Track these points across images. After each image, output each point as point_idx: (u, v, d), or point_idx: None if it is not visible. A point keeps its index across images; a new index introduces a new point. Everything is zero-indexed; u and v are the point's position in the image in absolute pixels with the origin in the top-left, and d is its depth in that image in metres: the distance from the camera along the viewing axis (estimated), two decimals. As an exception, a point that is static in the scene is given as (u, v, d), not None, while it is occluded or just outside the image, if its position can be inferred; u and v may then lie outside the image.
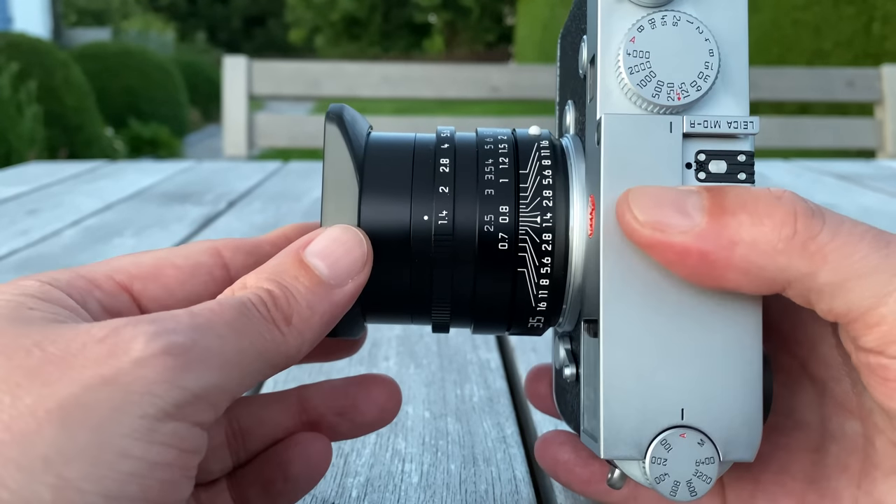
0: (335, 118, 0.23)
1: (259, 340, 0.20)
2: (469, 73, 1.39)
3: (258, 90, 1.36)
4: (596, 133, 0.21)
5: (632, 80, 0.20)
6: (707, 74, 0.20)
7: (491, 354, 0.45)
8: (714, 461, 0.20)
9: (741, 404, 0.20)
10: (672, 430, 0.20)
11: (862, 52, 2.95)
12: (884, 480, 0.21)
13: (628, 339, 0.20)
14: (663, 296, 0.20)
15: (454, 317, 0.24)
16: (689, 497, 0.19)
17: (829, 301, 0.19)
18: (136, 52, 6.11)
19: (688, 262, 0.19)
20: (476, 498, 0.30)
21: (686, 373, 0.20)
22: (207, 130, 7.11)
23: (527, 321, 0.24)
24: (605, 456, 0.20)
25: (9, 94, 3.62)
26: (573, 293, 0.23)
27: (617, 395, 0.20)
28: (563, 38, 0.29)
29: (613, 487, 0.22)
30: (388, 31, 18.33)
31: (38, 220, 0.80)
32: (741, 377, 0.20)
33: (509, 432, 0.35)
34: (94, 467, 0.16)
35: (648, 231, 0.19)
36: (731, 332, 0.20)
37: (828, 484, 0.22)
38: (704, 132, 0.20)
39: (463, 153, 0.23)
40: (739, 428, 0.20)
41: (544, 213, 0.22)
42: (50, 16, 8.63)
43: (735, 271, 0.19)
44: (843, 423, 0.22)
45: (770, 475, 0.23)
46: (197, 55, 9.36)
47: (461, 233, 0.22)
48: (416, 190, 0.23)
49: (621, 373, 0.20)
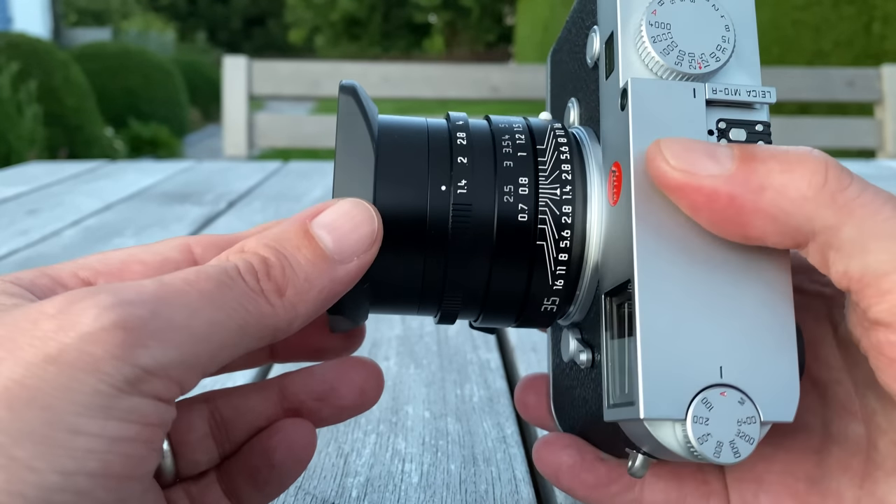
0: (350, 90, 0.22)
1: (239, 313, 0.19)
2: (469, 73, 1.39)
3: (258, 90, 1.36)
4: (620, 100, 0.21)
5: (655, 48, 0.21)
6: (724, 47, 0.21)
7: (491, 354, 0.45)
8: (755, 421, 0.19)
9: (778, 364, 0.19)
10: (712, 388, 0.19)
11: (862, 52, 2.95)
12: (886, 480, 0.21)
13: (663, 296, 0.19)
14: (695, 254, 0.20)
15: (466, 300, 0.23)
16: (733, 458, 0.19)
17: (847, 261, 0.19)
18: (136, 52, 6.11)
19: (716, 207, 0.19)
20: (476, 498, 0.30)
21: (722, 331, 0.19)
22: (207, 130, 7.11)
23: (541, 303, 0.23)
24: (645, 415, 0.19)
25: (9, 94, 3.62)
26: (589, 273, 0.22)
27: (655, 353, 0.19)
28: (554, 54, 0.29)
29: (635, 476, 0.22)
30: (388, 31, 18.33)
31: (38, 220, 0.79)
32: (776, 337, 0.20)
33: (509, 432, 0.35)
34: (45, 446, 0.16)
35: (679, 174, 0.19)
36: (763, 291, 0.20)
37: (830, 484, 0.22)
38: (725, 99, 0.21)
39: (478, 131, 0.23)
40: (777, 388, 0.19)
41: (563, 186, 0.22)
42: (50, 16, 8.63)
43: (762, 217, 0.19)
44: (845, 425, 0.22)
45: (774, 476, 0.23)
46: (197, 55, 9.36)
47: (480, 203, 0.22)
48: (433, 161, 0.22)
49: (658, 330, 0.19)
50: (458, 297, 0.23)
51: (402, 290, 0.23)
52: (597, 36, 0.23)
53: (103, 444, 0.16)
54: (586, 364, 0.23)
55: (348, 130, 0.22)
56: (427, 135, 0.23)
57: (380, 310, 0.24)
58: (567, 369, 0.26)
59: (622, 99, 0.21)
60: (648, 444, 0.20)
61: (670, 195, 0.20)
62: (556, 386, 0.28)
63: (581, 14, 0.26)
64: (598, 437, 0.25)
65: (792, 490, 0.22)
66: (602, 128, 0.23)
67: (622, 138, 0.21)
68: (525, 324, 0.25)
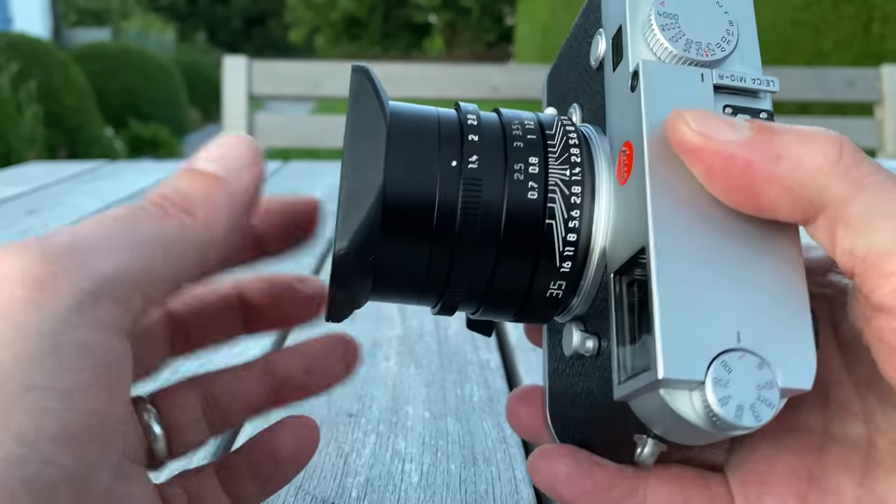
0: (362, 71, 0.23)
1: (157, 231, 0.20)
2: (469, 73, 1.39)
3: (258, 90, 1.36)
4: (630, 82, 0.22)
5: (664, 35, 0.21)
6: (729, 39, 0.22)
7: (491, 354, 0.45)
8: (774, 386, 0.19)
9: (794, 333, 0.19)
10: (730, 352, 0.19)
11: (861, 52, 2.95)
12: (885, 478, 0.21)
13: (679, 261, 0.19)
14: (710, 223, 0.20)
15: (472, 281, 0.23)
16: (754, 422, 0.18)
17: (853, 238, 0.19)
18: (136, 52, 6.11)
19: (731, 172, 0.19)
20: (476, 498, 0.30)
21: (738, 298, 0.19)
22: (207, 130, 7.11)
23: (547, 287, 0.23)
24: (665, 375, 0.18)
25: (9, 95, 3.62)
26: (597, 256, 0.22)
27: (672, 315, 0.19)
28: (551, 75, 0.30)
29: (644, 464, 0.21)
30: (388, 31, 18.33)
31: (38, 220, 0.79)
32: (791, 307, 0.20)
33: (509, 432, 0.35)
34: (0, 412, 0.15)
35: (697, 137, 0.20)
36: (777, 263, 0.20)
37: (830, 481, 0.22)
38: (731, 85, 0.21)
39: (487, 116, 0.24)
40: (795, 356, 0.19)
41: (573, 168, 0.23)
42: (50, 16, 8.63)
43: (776, 186, 0.19)
44: (845, 426, 0.22)
45: (778, 476, 0.23)
46: (197, 55, 9.36)
47: (490, 179, 0.22)
48: (444, 138, 0.22)
49: (675, 293, 0.19)
50: (465, 279, 0.23)
51: (406, 271, 0.23)
52: (602, 37, 0.24)
53: (58, 398, 0.15)
54: (592, 351, 0.23)
55: (360, 108, 0.22)
56: (438, 117, 0.23)
57: (381, 292, 0.24)
58: (567, 368, 0.26)
59: (633, 80, 0.22)
60: (661, 421, 0.20)
61: (687, 158, 0.20)
62: (553, 391, 0.27)
63: (583, 26, 0.26)
64: (599, 436, 0.24)
65: (795, 490, 0.22)
66: (608, 122, 0.23)
67: (633, 118, 0.21)
68: (526, 315, 0.24)
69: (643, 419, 0.20)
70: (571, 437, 0.26)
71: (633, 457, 0.22)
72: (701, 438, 0.20)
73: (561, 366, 0.26)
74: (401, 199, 0.22)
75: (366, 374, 0.42)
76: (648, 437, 0.21)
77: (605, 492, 0.24)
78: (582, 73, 0.26)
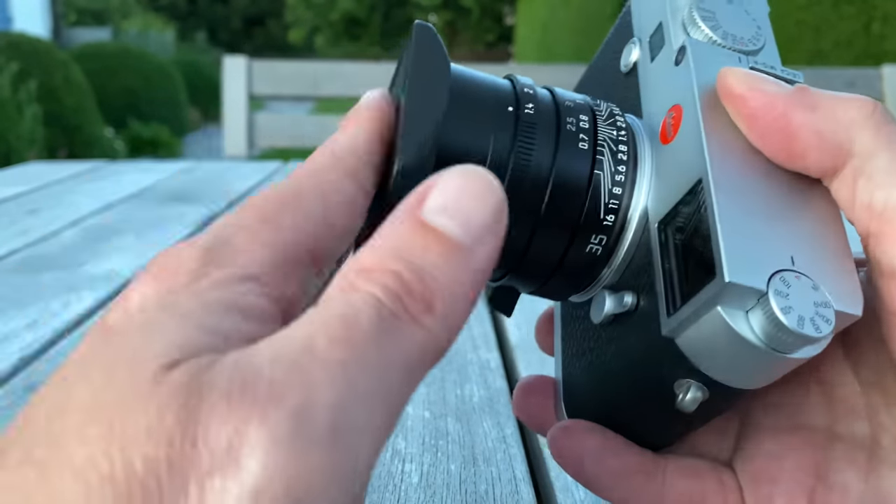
0: (426, 25, 0.23)
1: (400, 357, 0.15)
2: (469, 73, 1.39)
3: (258, 90, 1.36)
4: (676, 56, 0.24)
5: (705, 24, 0.24)
6: (759, 37, 0.24)
7: (491, 354, 0.45)
8: (830, 306, 0.19)
9: (840, 265, 0.20)
10: (787, 271, 0.19)
11: (862, 52, 2.95)
12: (890, 474, 0.21)
13: (733, 189, 0.20)
14: (757, 167, 0.21)
15: (516, 222, 0.22)
16: (815, 332, 0.19)
17: (873, 190, 0.20)
18: (136, 51, 6.12)
19: (770, 116, 0.21)
20: (476, 498, 0.30)
21: (790, 228, 0.20)
22: (207, 130, 7.11)
23: (588, 239, 0.23)
24: (730, 278, 0.18)
25: (8, 94, 3.63)
26: (639, 213, 0.23)
27: (732, 234, 0.19)
28: None
29: (684, 410, 0.21)
30: (388, 31, 18.34)
31: (38, 220, 0.79)
32: (835, 242, 0.21)
33: (509, 432, 0.35)
34: None
35: (744, 85, 0.21)
36: (817, 207, 0.21)
37: (836, 477, 0.22)
38: (765, 71, 0.23)
39: (538, 87, 0.25)
40: (843, 284, 0.20)
41: (619, 130, 0.24)
42: (50, 15, 8.63)
43: (808, 130, 0.20)
44: (850, 424, 0.22)
45: (786, 473, 0.23)
46: (197, 55, 9.36)
47: (544, 124, 0.23)
48: (500, 88, 0.23)
49: (733, 215, 0.20)
50: (511, 221, 0.22)
51: None
52: (635, 45, 0.26)
53: None
54: (630, 306, 0.22)
55: (424, 53, 0.22)
56: (492, 77, 0.24)
57: None
58: (591, 343, 0.25)
59: (678, 56, 0.23)
60: (713, 351, 0.20)
61: (732, 106, 0.21)
62: (570, 378, 0.27)
63: (611, 46, 0.29)
64: (629, 405, 0.24)
65: (803, 486, 0.22)
66: (645, 108, 0.25)
67: (681, 84, 0.23)
68: (559, 278, 0.24)
69: (691, 355, 0.20)
70: (592, 415, 0.25)
71: (670, 411, 0.21)
72: (752, 371, 0.20)
73: (583, 344, 0.26)
74: (458, 136, 0.22)
75: (366, 374, 0.42)
76: (692, 381, 0.21)
77: (630, 474, 0.23)
78: (609, 84, 0.28)
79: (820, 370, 0.23)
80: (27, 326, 0.49)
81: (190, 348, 0.14)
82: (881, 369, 0.21)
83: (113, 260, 0.65)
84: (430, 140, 0.21)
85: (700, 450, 0.25)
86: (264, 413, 0.13)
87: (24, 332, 0.48)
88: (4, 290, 0.56)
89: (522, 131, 0.23)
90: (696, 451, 0.25)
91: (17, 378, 0.41)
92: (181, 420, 0.13)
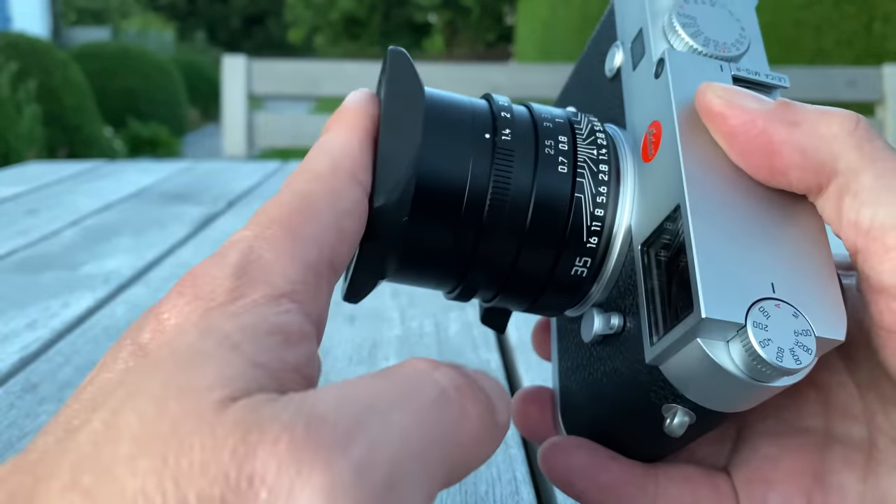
0: (399, 51, 0.23)
1: (456, 431, 0.15)
2: (469, 73, 1.39)
3: (258, 90, 1.36)
4: (655, 69, 0.23)
5: (685, 31, 0.23)
6: (742, 41, 0.23)
7: (491, 354, 0.45)
8: (811, 334, 0.19)
9: (824, 286, 0.20)
10: (767, 300, 0.19)
11: (863, 51, 2.95)
12: (888, 475, 0.21)
13: (713, 215, 0.20)
14: (737, 187, 0.21)
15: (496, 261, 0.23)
16: (794, 364, 0.18)
17: (859, 208, 0.19)
18: (136, 51, 6.11)
19: (750, 134, 0.20)
20: (476, 498, 0.29)
21: (770, 253, 0.20)
22: (207, 130, 7.11)
23: (572, 264, 0.23)
24: (706, 315, 0.18)
25: (8, 94, 3.62)
26: (622, 234, 0.22)
27: (710, 263, 0.19)
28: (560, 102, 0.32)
29: (672, 434, 0.21)
30: (388, 31, 18.33)
31: (38, 220, 0.79)
32: (818, 264, 0.20)
33: (509, 433, 0.35)
34: None
35: (723, 102, 0.21)
36: (802, 228, 0.21)
37: (833, 479, 0.22)
38: (748, 78, 0.22)
39: (516, 105, 0.24)
40: (826, 308, 0.19)
41: (599, 149, 0.23)
42: (49, 15, 8.63)
43: (790, 148, 0.20)
44: (847, 427, 0.22)
45: (781, 475, 0.23)
46: (196, 55, 9.36)
47: (522, 151, 0.23)
48: (477, 114, 0.23)
49: (711, 242, 0.19)
50: (491, 254, 0.23)
51: (435, 239, 0.22)
52: (619, 48, 0.26)
53: None
54: (617, 328, 0.22)
55: (397, 82, 0.22)
56: (470, 100, 0.24)
57: (405, 266, 0.23)
58: (584, 360, 0.25)
59: (657, 68, 0.23)
60: (696, 379, 0.20)
61: (712, 123, 0.21)
62: (566, 391, 0.27)
63: (596, 48, 0.28)
64: (620, 423, 0.24)
65: (799, 488, 0.22)
66: (629, 118, 0.24)
67: (660, 100, 0.22)
68: (546, 299, 0.24)
69: (675, 383, 0.20)
70: (585, 435, 0.25)
71: (659, 432, 0.21)
72: (735, 398, 0.20)
73: (576, 360, 0.26)
74: (435, 167, 0.22)
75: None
76: (679, 406, 0.21)
77: (620, 487, 0.23)
78: (594, 88, 0.27)
79: (817, 374, 0.23)
80: (27, 326, 0.49)
81: (240, 381, 0.14)
82: (877, 373, 0.21)
83: (112, 260, 0.65)
84: (406, 176, 0.21)
85: (698, 456, 0.25)
86: (329, 459, 0.13)
87: (24, 331, 0.48)
88: (4, 290, 0.56)
89: (500, 159, 0.22)
90: (694, 458, 0.24)
91: (17, 378, 0.41)
92: (238, 457, 0.13)
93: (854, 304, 0.21)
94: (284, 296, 0.17)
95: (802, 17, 3.40)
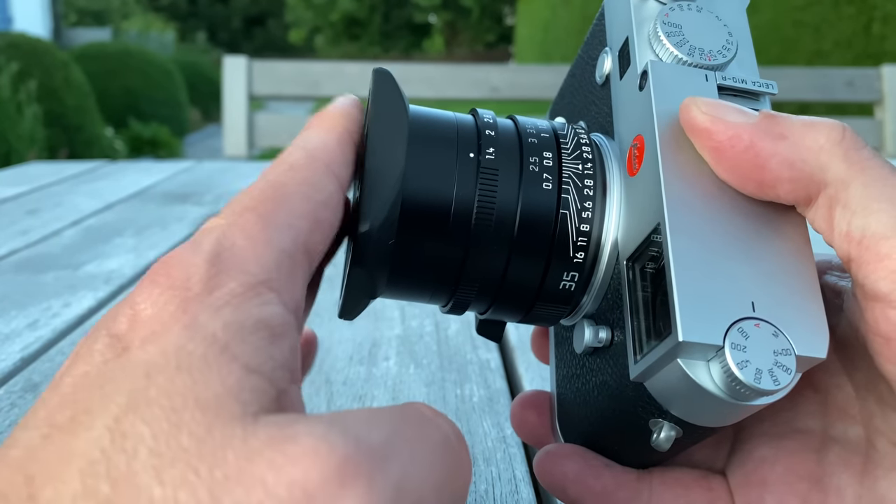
0: (384, 71, 0.23)
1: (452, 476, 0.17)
2: (469, 73, 1.39)
3: (258, 90, 1.36)
4: (639, 81, 0.23)
5: (670, 40, 0.23)
6: (729, 47, 0.23)
7: (491, 354, 0.45)
8: (791, 353, 0.19)
9: (806, 303, 0.20)
10: (746, 320, 0.19)
11: (862, 52, 2.95)
12: (886, 477, 0.21)
13: (693, 233, 0.20)
14: (720, 204, 0.21)
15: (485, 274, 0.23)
16: (772, 385, 0.18)
17: (850, 218, 0.19)
18: (136, 52, 6.11)
19: (736, 149, 0.20)
20: (476, 498, 0.30)
21: (751, 271, 0.20)
22: (207, 130, 7.12)
23: (560, 279, 0.23)
24: (683, 338, 0.18)
25: (9, 94, 3.62)
26: (609, 247, 0.23)
27: (689, 284, 0.19)
28: (554, 106, 0.32)
29: (659, 449, 0.21)
30: (388, 32, 18.33)
31: (38, 220, 0.79)
32: (801, 280, 0.20)
33: (509, 432, 0.35)
34: None
35: (707, 118, 0.20)
36: (786, 243, 0.20)
37: (831, 481, 0.22)
38: (734, 87, 0.22)
39: (501, 119, 0.24)
40: (807, 326, 0.19)
41: (585, 163, 0.23)
42: (50, 16, 8.63)
43: (778, 161, 0.20)
44: (845, 428, 0.22)
45: (777, 476, 0.23)
46: (197, 55, 9.35)
47: (507, 169, 0.23)
48: (462, 132, 0.23)
49: (690, 262, 0.19)
50: (480, 268, 0.23)
51: (423, 257, 0.23)
52: (608, 55, 0.25)
53: None
54: (605, 342, 0.23)
55: (381, 104, 0.22)
56: (455, 116, 0.24)
57: (395, 283, 0.24)
58: (577, 369, 0.26)
59: (641, 80, 0.23)
60: (679, 397, 0.20)
61: (697, 139, 0.21)
62: (562, 397, 0.27)
63: (587, 52, 0.28)
64: (611, 432, 0.24)
65: (796, 489, 0.22)
66: (616, 127, 0.24)
67: (643, 114, 0.22)
68: (537, 311, 0.24)
69: (660, 399, 0.20)
70: (581, 441, 0.25)
71: (649, 444, 0.22)
72: (718, 415, 0.20)
73: (571, 369, 0.26)
74: (420, 188, 0.22)
75: (366, 373, 0.42)
76: (665, 421, 0.21)
77: (612, 493, 0.24)
78: (587, 93, 0.27)
79: (815, 376, 0.23)
80: (28, 326, 0.49)
81: (245, 394, 0.15)
82: (875, 376, 0.21)
83: (114, 260, 0.65)
84: (391, 200, 0.21)
85: (695, 459, 0.25)
86: (371, 476, 0.13)
87: (25, 331, 0.48)
88: (5, 289, 0.56)
89: (484, 177, 0.22)
90: (692, 462, 0.25)
91: (18, 378, 0.41)
92: (276, 466, 0.13)
93: (851, 307, 0.21)
94: (261, 283, 0.17)
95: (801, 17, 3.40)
